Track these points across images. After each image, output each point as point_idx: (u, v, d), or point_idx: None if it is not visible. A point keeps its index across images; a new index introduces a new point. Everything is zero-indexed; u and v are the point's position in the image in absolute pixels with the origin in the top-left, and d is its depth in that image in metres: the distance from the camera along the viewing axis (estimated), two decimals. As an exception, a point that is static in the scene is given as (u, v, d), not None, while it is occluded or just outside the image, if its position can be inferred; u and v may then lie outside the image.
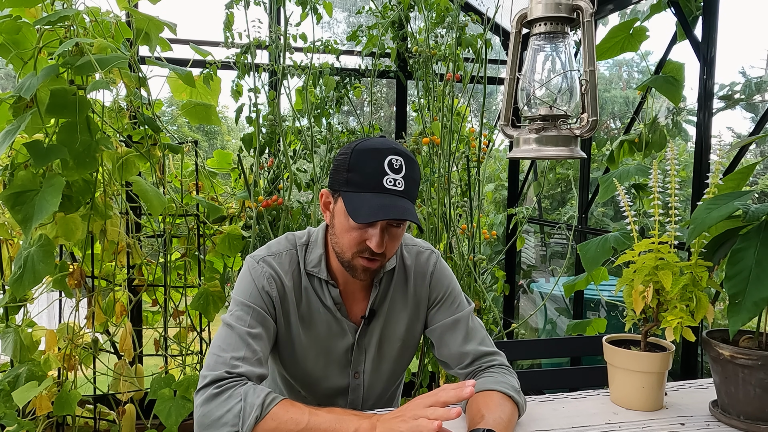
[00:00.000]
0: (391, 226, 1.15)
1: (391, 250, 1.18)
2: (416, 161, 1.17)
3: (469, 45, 2.41)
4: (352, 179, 1.12)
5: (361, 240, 1.14)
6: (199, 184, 2.40)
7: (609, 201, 3.33)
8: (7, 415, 1.86)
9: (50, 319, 2.88)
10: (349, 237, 1.15)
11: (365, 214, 1.08)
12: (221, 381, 1.09)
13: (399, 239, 1.19)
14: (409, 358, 1.38)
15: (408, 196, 1.12)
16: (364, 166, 1.11)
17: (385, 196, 1.10)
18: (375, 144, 1.13)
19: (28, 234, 1.71)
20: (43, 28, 1.80)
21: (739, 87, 2.56)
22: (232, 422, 1.03)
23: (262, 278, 1.21)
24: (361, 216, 1.08)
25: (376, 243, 1.12)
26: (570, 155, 1.16)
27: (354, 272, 1.19)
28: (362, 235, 1.14)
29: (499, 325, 2.50)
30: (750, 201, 1.12)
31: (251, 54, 2.33)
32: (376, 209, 1.08)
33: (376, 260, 1.16)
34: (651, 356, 1.22)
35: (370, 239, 1.13)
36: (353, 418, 1.03)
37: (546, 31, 1.15)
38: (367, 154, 1.12)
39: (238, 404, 1.05)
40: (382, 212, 1.08)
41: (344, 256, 1.18)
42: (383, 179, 1.10)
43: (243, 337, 1.14)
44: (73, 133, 1.78)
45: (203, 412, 1.07)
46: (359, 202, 1.10)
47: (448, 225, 2.40)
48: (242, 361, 1.11)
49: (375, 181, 1.10)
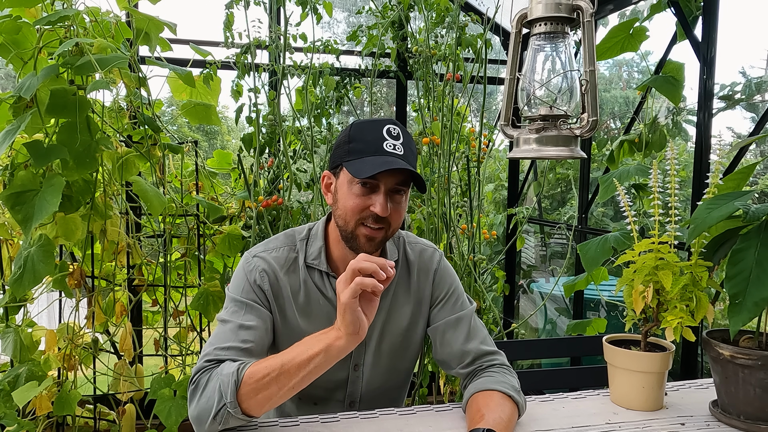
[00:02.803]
0: (395, 193, 1.17)
1: (395, 219, 1.18)
2: (411, 136, 1.21)
3: (469, 45, 2.41)
4: (354, 148, 1.16)
5: (365, 206, 1.15)
6: (199, 184, 2.40)
7: (609, 201, 3.33)
8: (7, 415, 1.86)
9: (50, 319, 2.88)
10: (353, 204, 1.16)
11: (368, 169, 1.10)
12: (200, 371, 1.11)
13: (402, 208, 1.20)
14: (411, 358, 1.37)
15: (407, 162, 1.14)
16: (364, 135, 1.16)
17: (387, 157, 1.13)
18: (372, 119, 1.20)
19: (28, 234, 1.71)
20: (43, 28, 1.80)
21: (739, 87, 2.56)
22: (216, 399, 1.05)
23: (254, 273, 1.22)
24: (364, 171, 1.11)
25: (380, 206, 1.13)
26: (570, 155, 1.16)
27: (357, 243, 1.18)
28: (366, 201, 1.15)
29: (499, 325, 2.50)
30: (750, 201, 1.12)
31: (251, 54, 2.33)
32: (379, 164, 1.11)
33: (380, 228, 1.17)
34: (651, 356, 1.22)
35: (374, 204, 1.14)
36: (318, 336, 1.05)
37: (546, 31, 1.15)
38: (366, 125, 1.18)
39: (216, 382, 1.07)
40: (386, 165, 1.10)
41: (348, 227, 1.18)
42: (383, 143, 1.14)
43: (234, 330, 1.16)
44: (73, 133, 1.78)
45: (190, 404, 1.10)
46: (362, 164, 1.12)
47: (448, 225, 2.40)
48: (227, 350, 1.13)
49: (376, 146, 1.14)
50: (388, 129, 1.16)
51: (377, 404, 1.29)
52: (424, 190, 1.17)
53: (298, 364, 1.03)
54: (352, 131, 1.18)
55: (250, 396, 1.04)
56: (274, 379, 1.03)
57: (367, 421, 1.19)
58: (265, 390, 1.04)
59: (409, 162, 1.15)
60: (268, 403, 1.06)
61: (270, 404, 1.06)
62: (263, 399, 1.05)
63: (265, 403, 1.06)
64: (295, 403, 1.34)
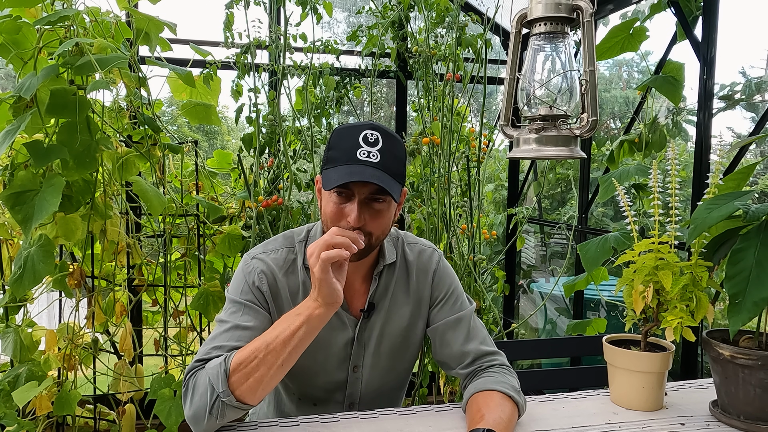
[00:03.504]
0: (372, 201, 1.16)
1: (375, 227, 1.17)
2: (398, 139, 1.19)
3: (469, 45, 2.41)
4: (331, 156, 1.16)
5: (341, 215, 1.15)
6: (199, 184, 2.40)
7: (609, 201, 3.33)
8: (7, 415, 1.86)
9: (50, 319, 2.87)
10: (331, 213, 1.17)
11: (335, 179, 1.11)
12: (190, 372, 1.12)
13: (383, 217, 1.18)
14: (410, 359, 1.37)
15: (383, 168, 1.13)
16: (341, 142, 1.16)
17: (356, 166, 1.12)
18: (354, 123, 1.19)
19: (28, 234, 1.71)
20: (43, 28, 1.80)
21: (739, 87, 2.56)
22: (209, 393, 1.05)
23: (252, 274, 1.23)
24: (329, 183, 1.12)
25: (353, 216, 1.13)
26: (570, 155, 1.16)
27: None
28: (342, 211, 1.15)
29: (499, 325, 2.50)
30: (750, 201, 1.12)
31: (251, 54, 2.33)
32: (345, 175, 1.11)
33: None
34: (651, 356, 1.22)
35: (349, 214, 1.14)
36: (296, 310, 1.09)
37: (546, 31, 1.15)
38: (345, 131, 1.17)
39: (205, 377, 1.08)
40: (349, 176, 1.10)
41: None
42: (357, 152, 1.13)
43: (230, 330, 1.17)
44: (73, 133, 1.78)
45: (185, 406, 1.10)
46: (333, 174, 1.13)
47: (448, 225, 2.40)
48: (220, 349, 1.13)
49: (349, 155, 1.13)
50: (365, 135, 1.14)
51: (376, 405, 1.29)
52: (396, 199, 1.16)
53: (283, 341, 1.05)
54: (332, 137, 1.18)
55: (242, 381, 1.05)
56: (262, 360, 1.05)
57: (366, 421, 1.19)
58: (256, 372, 1.05)
59: (385, 167, 1.13)
60: (260, 386, 1.07)
61: (262, 387, 1.07)
62: (255, 383, 1.06)
63: (257, 387, 1.06)
64: (295, 404, 1.34)
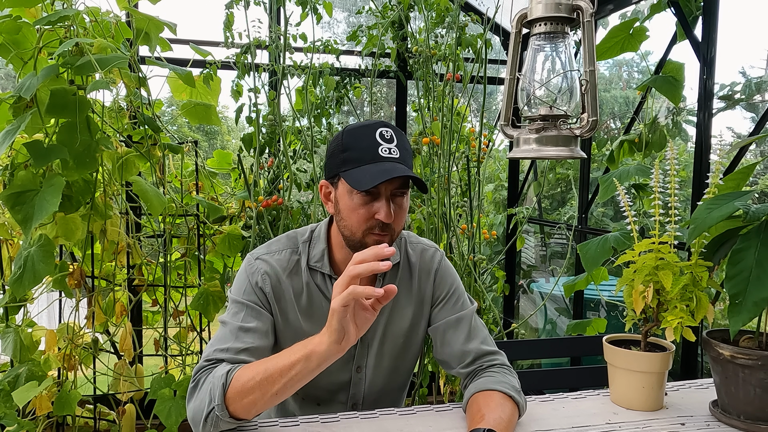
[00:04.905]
0: (396, 196, 1.15)
1: (399, 222, 1.17)
2: (404, 133, 1.19)
3: (469, 45, 2.41)
4: (349, 157, 1.13)
5: (369, 215, 1.14)
6: (199, 184, 2.40)
7: (609, 201, 3.33)
8: (7, 415, 1.86)
9: (50, 319, 2.88)
10: (357, 215, 1.14)
11: (368, 180, 1.09)
12: (200, 370, 1.12)
13: (405, 210, 1.19)
14: (412, 358, 1.38)
15: (404, 162, 1.13)
16: (358, 142, 1.13)
17: (384, 163, 1.11)
18: (362, 123, 1.17)
19: (28, 234, 1.70)
20: (43, 28, 1.80)
21: (739, 87, 2.56)
22: (207, 401, 1.05)
23: (255, 275, 1.23)
24: (364, 183, 1.09)
25: (385, 213, 1.12)
26: (570, 155, 1.16)
27: None
28: (370, 210, 1.14)
29: (499, 325, 2.50)
30: (750, 201, 1.12)
31: (251, 54, 2.33)
32: (378, 174, 1.09)
33: (386, 234, 1.16)
34: (651, 356, 1.22)
35: (379, 211, 1.13)
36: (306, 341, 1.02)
37: (546, 31, 1.15)
38: (359, 131, 1.15)
39: (209, 384, 1.07)
40: (385, 174, 1.08)
41: (355, 237, 1.16)
42: (378, 149, 1.12)
43: (233, 331, 1.16)
44: (73, 133, 1.78)
45: (188, 404, 1.10)
46: (360, 174, 1.11)
47: (448, 225, 2.40)
48: (225, 351, 1.13)
49: (371, 153, 1.12)
50: (381, 133, 1.13)
51: (379, 405, 1.30)
52: (425, 190, 1.17)
53: (280, 370, 1.02)
54: (345, 138, 1.15)
55: (236, 400, 1.04)
56: (258, 384, 1.03)
57: (367, 421, 1.19)
58: (250, 395, 1.03)
59: (406, 163, 1.14)
60: (254, 407, 1.05)
61: (256, 409, 1.06)
62: (248, 404, 1.04)
63: (251, 408, 1.05)
64: (298, 404, 1.34)
